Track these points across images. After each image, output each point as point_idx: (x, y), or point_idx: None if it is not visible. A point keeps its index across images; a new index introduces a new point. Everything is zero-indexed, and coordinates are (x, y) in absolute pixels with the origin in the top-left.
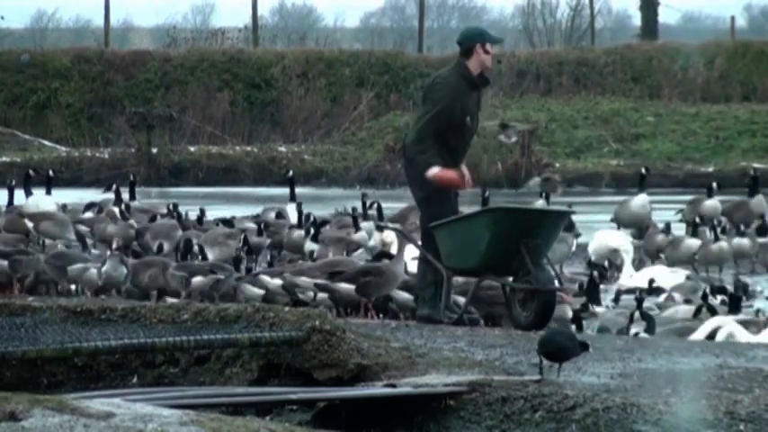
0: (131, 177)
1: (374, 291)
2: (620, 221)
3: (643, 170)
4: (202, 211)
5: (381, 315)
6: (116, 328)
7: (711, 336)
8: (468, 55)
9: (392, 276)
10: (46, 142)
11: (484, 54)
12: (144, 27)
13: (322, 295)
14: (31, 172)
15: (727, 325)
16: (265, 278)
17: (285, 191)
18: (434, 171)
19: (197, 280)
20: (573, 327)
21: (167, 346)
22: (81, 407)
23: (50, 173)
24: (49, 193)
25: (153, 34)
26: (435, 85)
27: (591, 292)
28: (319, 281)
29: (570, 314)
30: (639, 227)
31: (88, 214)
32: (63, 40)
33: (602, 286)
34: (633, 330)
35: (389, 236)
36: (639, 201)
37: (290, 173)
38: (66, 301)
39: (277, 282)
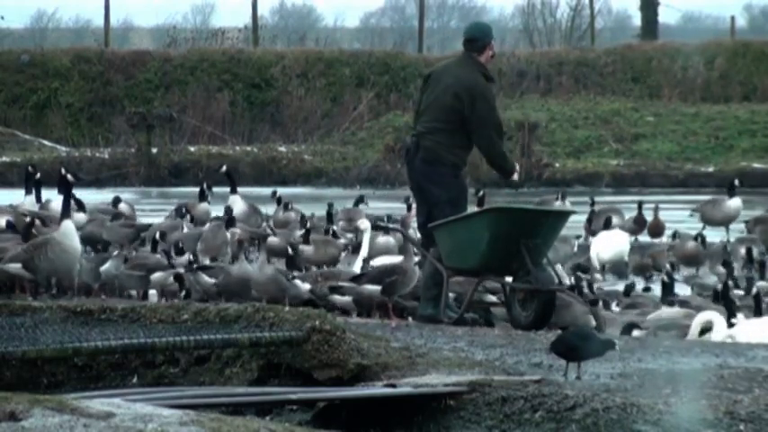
0: (204, 186)
1: (399, 289)
2: (709, 221)
3: (736, 181)
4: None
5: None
6: (116, 328)
7: (703, 330)
8: (482, 51)
9: (412, 274)
10: (46, 142)
11: (491, 50)
12: (144, 27)
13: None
14: (30, 168)
15: (711, 317)
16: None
17: (286, 190)
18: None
19: (156, 275)
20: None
21: (167, 346)
22: (81, 407)
23: (69, 176)
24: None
25: (153, 34)
26: (483, 90)
27: (727, 302)
28: (345, 284)
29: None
30: (726, 226)
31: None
32: (63, 40)
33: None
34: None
35: (363, 223)
36: (736, 203)
37: (224, 168)
38: (66, 301)
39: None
